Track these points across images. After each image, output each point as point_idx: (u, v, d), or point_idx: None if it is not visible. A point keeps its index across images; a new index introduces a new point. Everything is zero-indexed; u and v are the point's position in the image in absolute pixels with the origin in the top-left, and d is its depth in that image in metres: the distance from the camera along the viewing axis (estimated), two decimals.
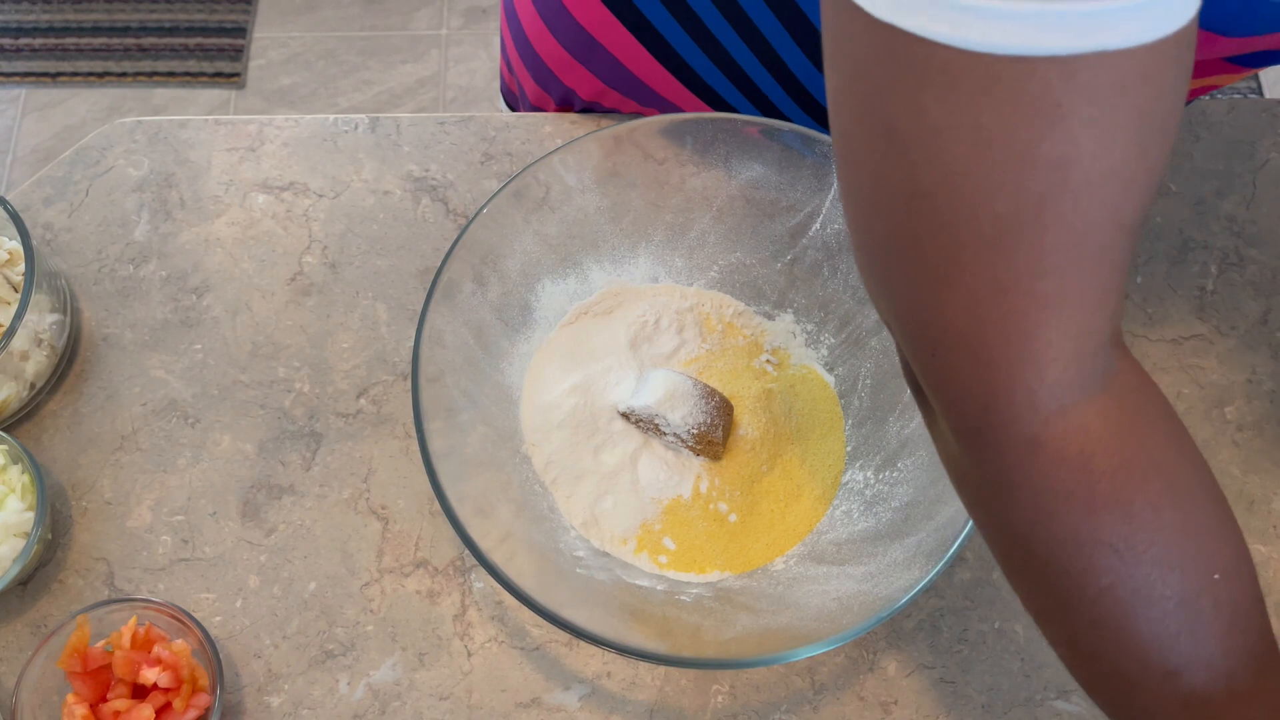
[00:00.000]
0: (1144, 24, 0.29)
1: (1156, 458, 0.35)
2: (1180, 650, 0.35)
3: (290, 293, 0.65)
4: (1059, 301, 0.32)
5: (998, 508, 0.36)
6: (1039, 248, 0.31)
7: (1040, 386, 0.33)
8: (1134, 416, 0.35)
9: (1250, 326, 0.64)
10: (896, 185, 0.32)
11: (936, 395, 0.35)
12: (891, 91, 0.31)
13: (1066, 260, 0.31)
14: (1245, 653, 0.36)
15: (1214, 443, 0.61)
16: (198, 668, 0.54)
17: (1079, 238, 0.31)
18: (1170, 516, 0.35)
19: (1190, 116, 0.70)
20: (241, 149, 0.69)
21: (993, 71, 0.29)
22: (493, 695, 0.56)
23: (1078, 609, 0.36)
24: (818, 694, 0.56)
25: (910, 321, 0.34)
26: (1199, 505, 0.36)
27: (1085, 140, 0.29)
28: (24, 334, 0.58)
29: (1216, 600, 0.35)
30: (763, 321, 0.63)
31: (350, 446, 0.61)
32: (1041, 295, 0.32)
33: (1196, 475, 0.36)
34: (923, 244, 0.32)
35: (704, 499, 0.58)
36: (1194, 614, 0.35)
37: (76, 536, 0.59)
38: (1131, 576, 0.34)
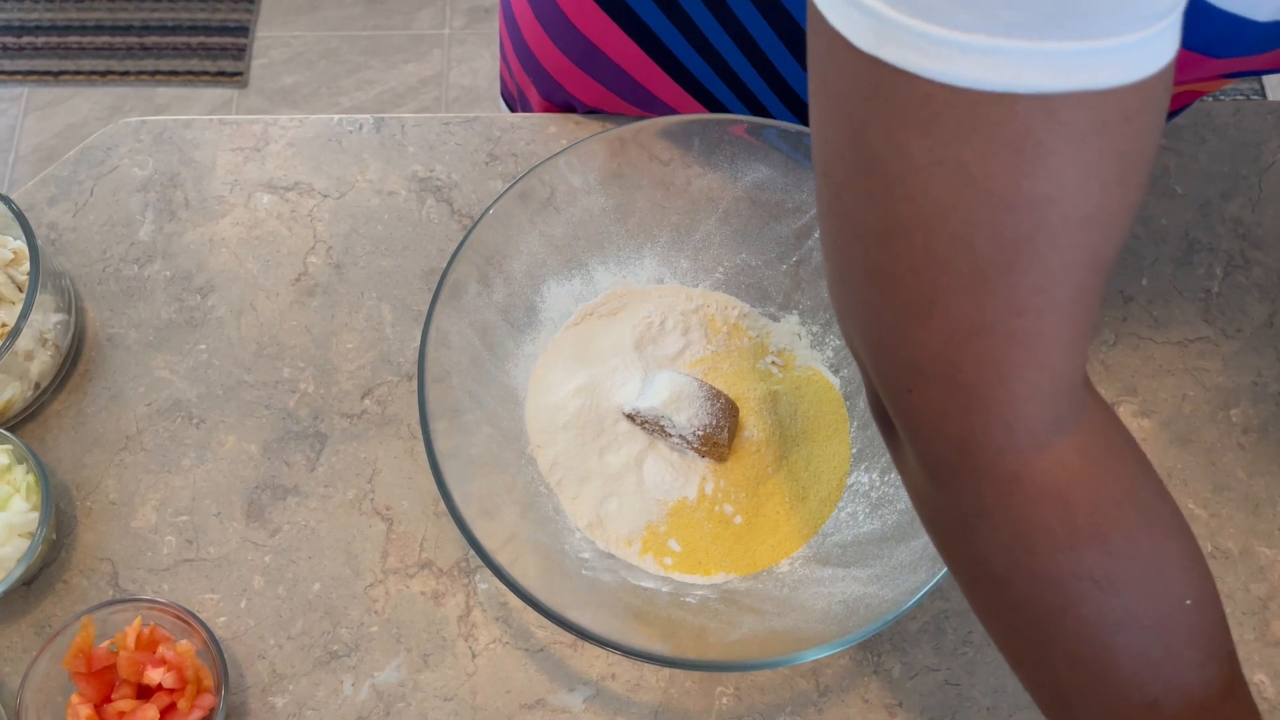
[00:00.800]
0: (1127, 65, 0.28)
1: (1129, 490, 0.35)
2: (1159, 679, 0.35)
3: (295, 293, 0.65)
4: (1036, 340, 0.32)
5: (973, 546, 0.36)
6: (1017, 287, 0.31)
7: (1018, 423, 0.33)
8: (1106, 451, 0.35)
9: (1256, 329, 0.64)
10: (876, 220, 0.32)
11: (911, 431, 0.35)
12: (873, 124, 0.30)
13: (1044, 300, 0.31)
14: (1218, 679, 0.36)
15: (1219, 445, 0.61)
16: (202, 668, 0.54)
17: (1057, 278, 0.31)
18: (1145, 546, 0.35)
19: (1195, 119, 0.70)
20: (246, 149, 0.69)
21: (975, 108, 0.29)
22: (497, 696, 0.56)
23: (1057, 645, 0.36)
24: (822, 696, 0.56)
25: (885, 356, 0.34)
26: (1170, 535, 0.36)
27: (1066, 180, 0.29)
28: (29, 334, 0.58)
29: (1191, 627, 0.36)
30: (768, 323, 0.63)
31: (355, 447, 0.61)
32: (1019, 334, 0.32)
33: (1165, 506, 0.36)
34: (900, 279, 0.32)
35: (709, 501, 0.58)
36: (1171, 642, 0.35)
37: (81, 537, 0.59)
38: (1111, 608, 0.35)
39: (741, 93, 0.65)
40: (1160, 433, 0.62)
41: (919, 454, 0.36)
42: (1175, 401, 0.62)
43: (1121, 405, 0.62)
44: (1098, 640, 0.35)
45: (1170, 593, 0.35)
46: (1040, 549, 0.34)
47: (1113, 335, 0.64)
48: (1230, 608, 0.58)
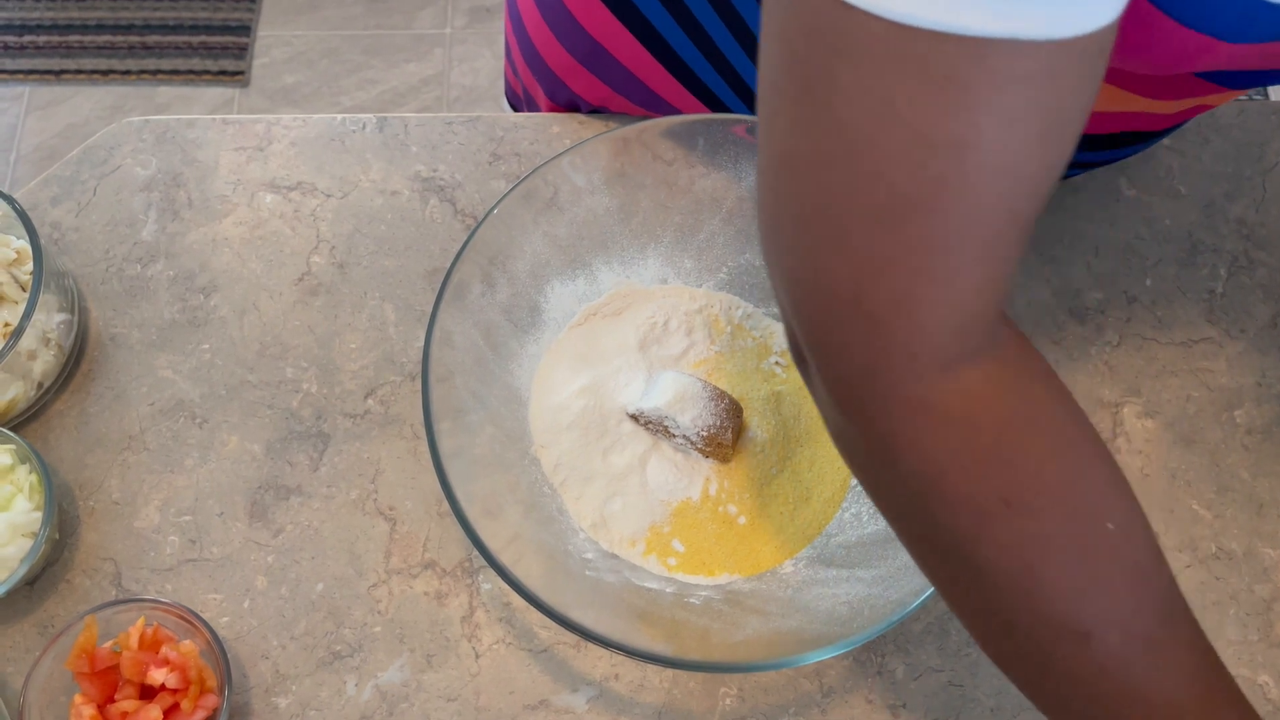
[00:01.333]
0: (1062, 19, 0.29)
1: (1039, 415, 0.36)
2: (1089, 608, 0.35)
3: (298, 293, 0.65)
4: (945, 279, 0.33)
5: (887, 475, 0.37)
6: (931, 226, 0.31)
7: (923, 352, 0.34)
8: (1017, 378, 0.36)
9: (1260, 330, 0.64)
10: (802, 148, 0.32)
11: (821, 361, 0.36)
12: (809, 55, 0.31)
13: (955, 242, 0.32)
14: (1154, 609, 0.36)
15: (1223, 446, 0.61)
16: (205, 668, 0.54)
17: (971, 223, 0.32)
18: (1056, 470, 0.35)
19: (1199, 120, 0.70)
20: (249, 149, 0.69)
21: (906, 43, 0.29)
22: (500, 697, 0.56)
23: (980, 573, 0.36)
24: (826, 697, 0.56)
25: (799, 286, 0.35)
26: (1086, 460, 0.36)
27: (986, 127, 0.30)
28: (32, 333, 0.58)
29: (1116, 552, 0.36)
30: (772, 323, 0.63)
31: (358, 447, 0.61)
32: (928, 271, 0.32)
33: (1080, 432, 0.36)
34: (819, 209, 0.33)
35: (713, 501, 0.58)
36: (1095, 567, 0.35)
37: (84, 536, 0.59)
38: (1026, 530, 0.35)
39: (745, 94, 0.65)
40: (1164, 434, 0.62)
41: (829, 385, 0.36)
42: (1179, 402, 0.62)
43: (1125, 406, 0.62)
44: (1019, 566, 0.35)
45: (1088, 517, 0.35)
46: (950, 472, 0.35)
47: (1116, 336, 0.64)
48: (1234, 609, 0.58)
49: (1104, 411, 0.62)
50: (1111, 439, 0.61)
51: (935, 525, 0.36)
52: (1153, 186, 0.68)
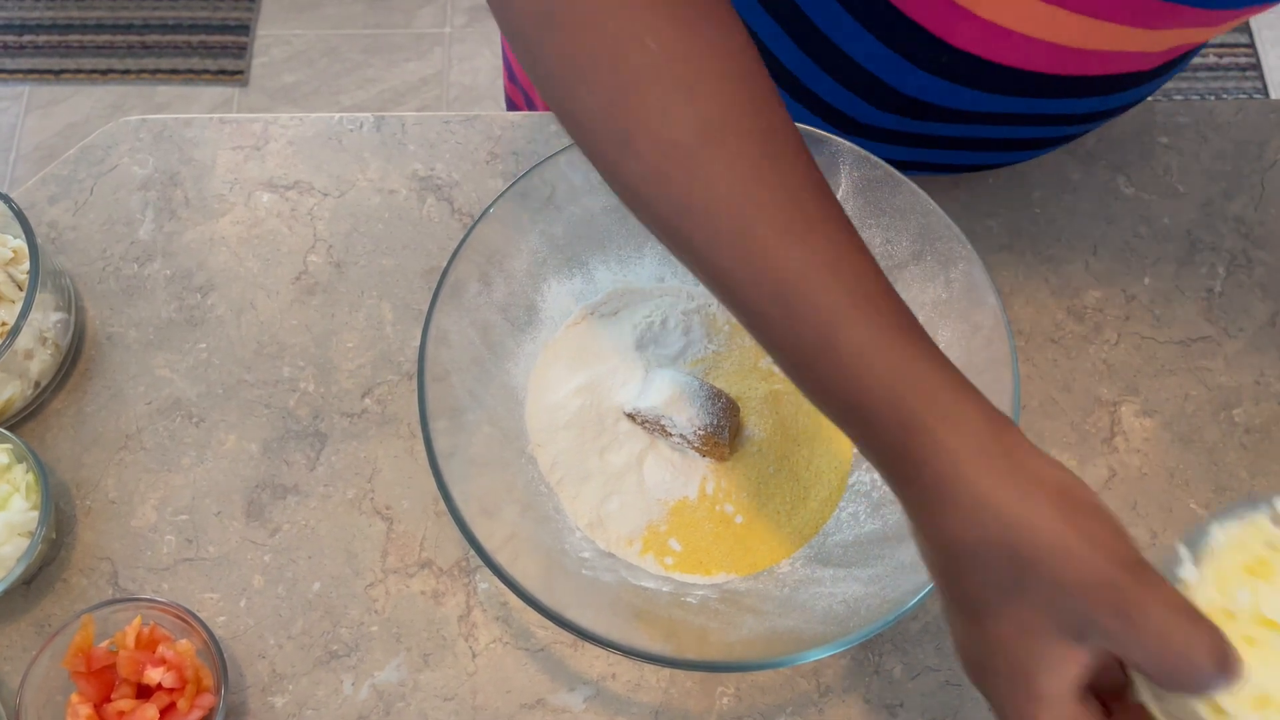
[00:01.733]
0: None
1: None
2: (621, 117, 0.38)
3: (295, 292, 0.65)
4: None
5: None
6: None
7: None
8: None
9: (1258, 328, 0.64)
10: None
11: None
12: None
13: None
14: (693, 126, 0.37)
15: (1221, 445, 0.61)
16: (202, 668, 0.53)
17: None
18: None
19: (1197, 118, 0.70)
20: (246, 147, 0.69)
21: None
22: (497, 696, 0.56)
23: (543, 83, 0.40)
24: (823, 696, 0.56)
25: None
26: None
27: None
28: (28, 332, 0.58)
29: (654, 69, 0.37)
30: None
31: (355, 446, 0.61)
32: None
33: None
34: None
35: (710, 500, 0.58)
36: (627, 78, 0.37)
37: (81, 536, 0.59)
38: (566, 43, 0.38)
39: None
40: (1162, 432, 0.62)
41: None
42: (1177, 401, 0.62)
43: (1123, 405, 0.62)
44: (564, 74, 0.38)
45: (625, 36, 0.37)
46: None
47: (1114, 334, 0.64)
48: None
49: (1102, 410, 0.62)
50: (1110, 437, 0.61)
51: (513, 34, 0.39)
52: (1151, 185, 0.68)
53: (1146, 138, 0.69)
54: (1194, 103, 0.70)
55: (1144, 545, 0.59)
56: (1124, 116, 0.70)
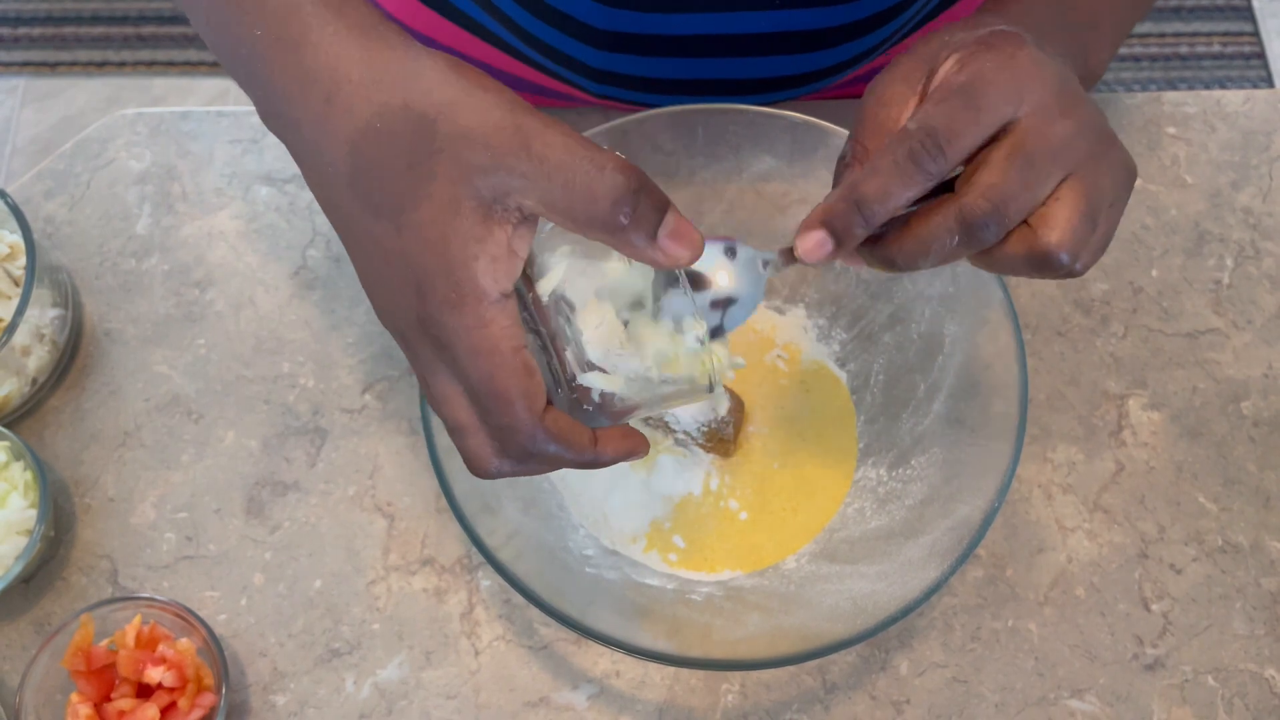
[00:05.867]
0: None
1: None
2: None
3: (294, 286, 0.64)
4: None
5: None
6: None
7: None
8: None
9: (1267, 320, 0.64)
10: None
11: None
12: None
13: None
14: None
15: (1230, 438, 0.61)
16: (203, 666, 0.53)
17: None
18: None
19: (1205, 108, 0.69)
20: (244, 141, 0.68)
21: None
22: (500, 694, 0.55)
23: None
24: (829, 693, 0.55)
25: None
26: None
27: None
28: (25, 329, 0.57)
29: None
30: (774, 316, 0.62)
31: (355, 443, 0.60)
32: None
33: None
34: None
35: (714, 496, 0.57)
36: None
37: (80, 534, 0.58)
38: None
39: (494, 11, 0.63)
40: (1170, 426, 0.61)
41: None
42: (1185, 394, 0.62)
43: (1131, 398, 0.62)
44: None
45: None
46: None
47: (1122, 327, 0.63)
48: (1240, 603, 0.57)
49: (1109, 404, 0.61)
50: (1117, 431, 0.61)
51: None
52: (1158, 176, 0.67)
53: (1153, 128, 0.68)
54: (1201, 93, 0.69)
55: (1152, 540, 0.59)
56: (1129, 105, 0.69)
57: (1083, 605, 0.57)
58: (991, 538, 0.58)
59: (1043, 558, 0.58)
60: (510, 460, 0.39)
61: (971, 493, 0.51)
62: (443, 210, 0.35)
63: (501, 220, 0.35)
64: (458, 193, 0.35)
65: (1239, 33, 1.63)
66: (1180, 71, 1.59)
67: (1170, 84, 1.57)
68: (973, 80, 0.37)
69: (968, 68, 0.38)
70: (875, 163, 0.37)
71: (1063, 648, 0.56)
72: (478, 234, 0.35)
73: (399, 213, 0.36)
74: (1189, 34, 1.62)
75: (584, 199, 0.35)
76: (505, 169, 0.35)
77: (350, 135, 0.37)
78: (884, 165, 0.37)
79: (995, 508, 0.50)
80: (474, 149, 0.35)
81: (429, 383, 0.39)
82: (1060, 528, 0.59)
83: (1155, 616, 0.57)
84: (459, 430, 0.39)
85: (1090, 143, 0.39)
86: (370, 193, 0.37)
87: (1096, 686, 0.55)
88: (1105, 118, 0.40)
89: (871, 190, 0.37)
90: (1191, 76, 1.59)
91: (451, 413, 0.39)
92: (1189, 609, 0.57)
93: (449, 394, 0.38)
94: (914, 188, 0.37)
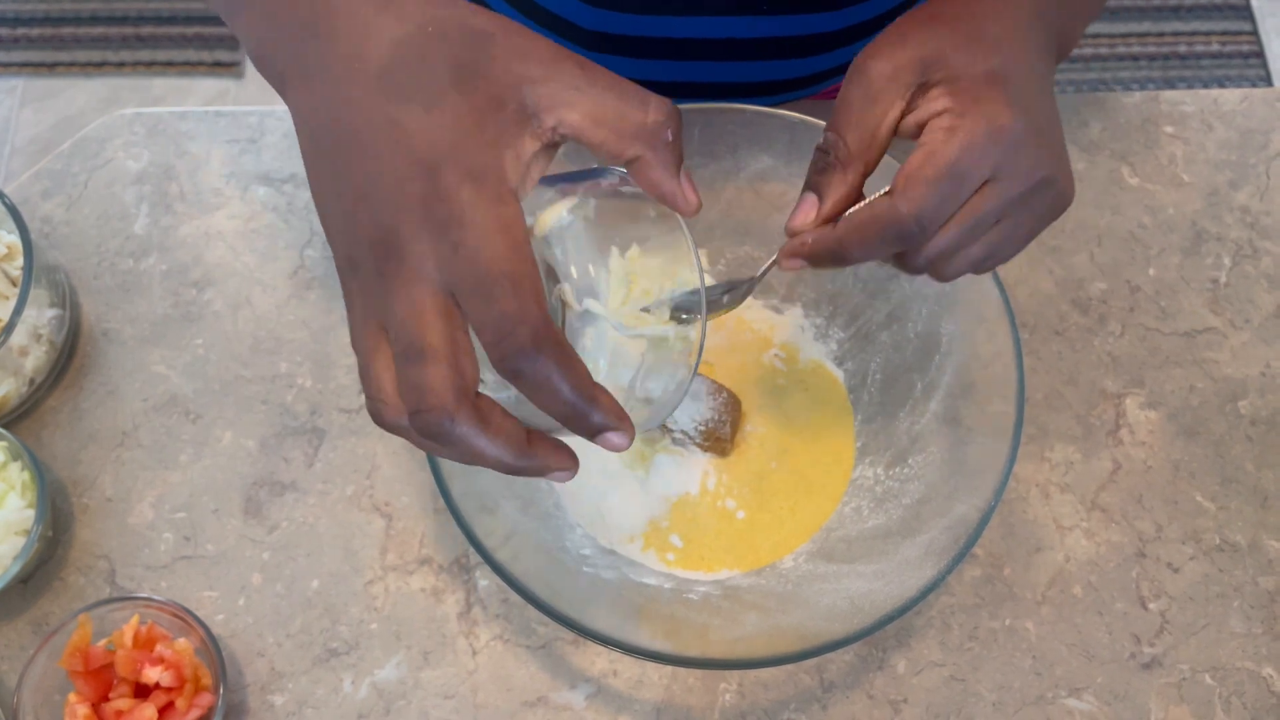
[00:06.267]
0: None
1: None
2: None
3: (292, 286, 0.64)
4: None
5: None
6: None
7: None
8: None
9: (1264, 319, 0.64)
10: None
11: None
12: None
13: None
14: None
15: (1228, 438, 0.61)
16: (200, 666, 0.53)
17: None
18: None
19: (1203, 107, 0.69)
20: (242, 140, 0.68)
21: None
22: (498, 694, 0.55)
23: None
24: (826, 692, 0.55)
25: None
26: None
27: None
28: (23, 329, 0.57)
29: None
30: (771, 316, 0.62)
31: (353, 442, 0.60)
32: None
33: None
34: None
35: (712, 496, 0.57)
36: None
37: (78, 534, 0.58)
38: None
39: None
40: (1167, 425, 0.61)
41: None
42: (1183, 393, 0.62)
43: (1128, 397, 0.62)
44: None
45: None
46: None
47: (1119, 326, 0.63)
48: (1238, 601, 0.57)
49: (1107, 403, 0.61)
50: (1115, 430, 0.61)
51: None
52: (1156, 175, 0.67)
53: (1151, 127, 0.68)
54: (1198, 91, 0.70)
55: (1150, 539, 0.59)
56: (1127, 104, 0.69)
57: (1080, 604, 0.57)
58: (989, 537, 0.58)
59: (1040, 557, 0.58)
60: (466, 407, 0.34)
61: (969, 492, 0.51)
62: (484, 104, 0.35)
63: (535, 134, 0.36)
64: (504, 95, 0.35)
65: (1238, 32, 1.63)
66: (1179, 71, 1.59)
67: (1169, 83, 1.57)
68: (960, 159, 0.40)
69: (957, 138, 0.40)
70: (866, 228, 0.41)
71: (1060, 647, 0.56)
72: (511, 134, 0.35)
73: (433, 99, 0.35)
74: (1187, 33, 1.62)
75: (636, 108, 0.36)
76: (559, 81, 0.36)
77: (397, 35, 0.36)
78: (872, 233, 0.41)
79: (992, 507, 0.50)
80: (528, 63, 0.36)
81: (397, 297, 0.34)
82: (1058, 527, 0.59)
83: (1153, 615, 0.57)
84: (424, 354, 0.34)
85: (1036, 198, 0.42)
86: (402, 84, 0.36)
87: (1094, 685, 0.55)
88: (1060, 142, 0.43)
89: (855, 248, 0.41)
90: (1190, 75, 1.59)
91: (420, 330, 0.34)
92: (1186, 608, 0.57)
93: (424, 307, 0.34)
94: (891, 252, 0.42)
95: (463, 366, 0.34)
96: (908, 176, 0.40)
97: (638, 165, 0.37)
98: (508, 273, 0.33)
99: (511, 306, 0.33)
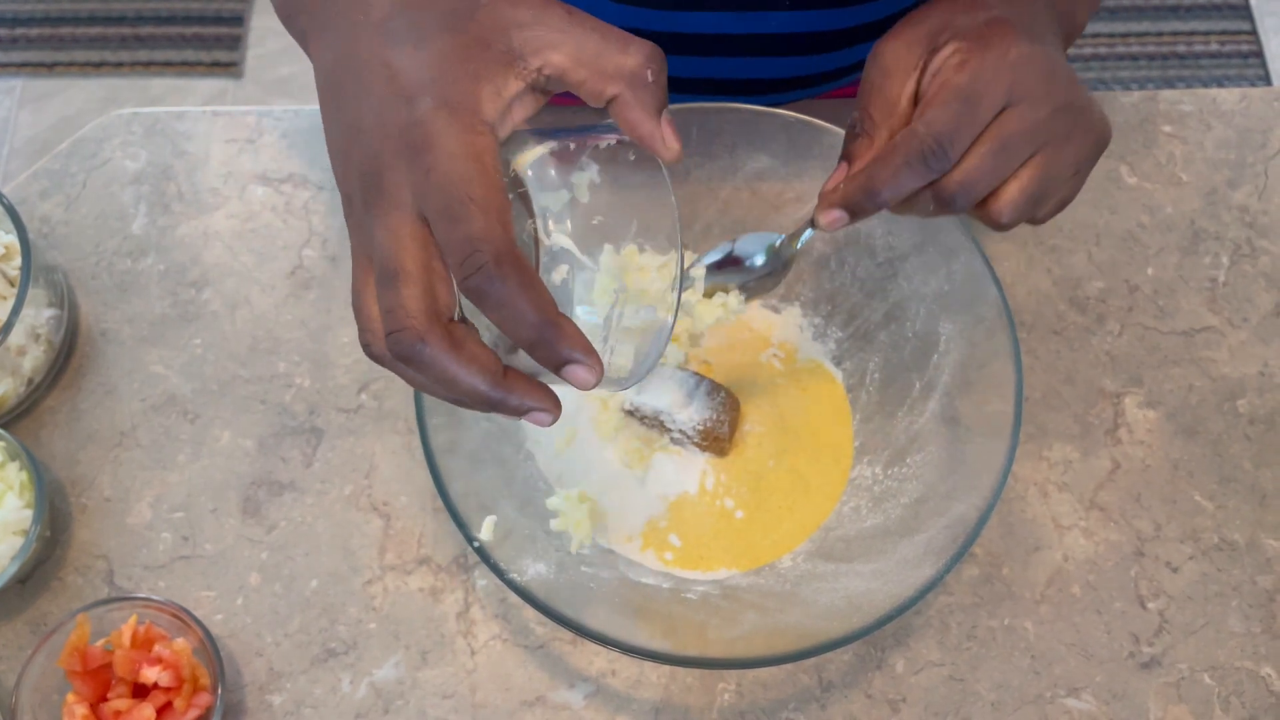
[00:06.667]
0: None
1: None
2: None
3: (290, 286, 0.64)
4: None
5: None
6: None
7: None
8: None
9: (1262, 318, 0.64)
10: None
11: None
12: None
13: None
14: None
15: (1226, 436, 0.61)
16: (199, 666, 0.53)
17: None
18: None
19: (1201, 106, 0.69)
20: (240, 140, 0.68)
21: None
22: (497, 694, 0.55)
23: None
24: (825, 691, 0.55)
25: None
26: None
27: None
28: (21, 329, 0.57)
29: None
30: (769, 315, 0.62)
31: (351, 442, 0.60)
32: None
33: None
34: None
35: (710, 495, 0.57)
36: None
37: (76, 534, 0.58)
38: None
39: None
40: (1166, 424, 0.61)
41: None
42: (1181, 392, 0.62)
43: (1127, 396, 0.62)
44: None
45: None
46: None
47: (1118, 325, 0.63)
48: (1236, 601, 0.57)
49: (1105, 402, 0.61)
50: (1113, 429, 0.61)
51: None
52: (1154, 174, 0.67)
53: (1149, 126, 0.68)
54: (1197, 91, 0.69)
55: (1148, 538, 0.59)
56: (1126, 103, 0.69)
57: (1079, 603, 0.57)
58: (987, 536, 0.58)
59: (1039, 556, 0.58)
60: (438, 329, 0.35)
61: (967, 491, 0.51)
62: (470, 43, 0.37)
63: (519, 74, 0.37)
64: (489, 36, 0.37)
65: (1237, 31, 1.63)
66: (1178, 70, 1.59)
67: (1168, 82, 1.57)
68: (972, 82, 0.41)
69: (968, 67, 0.42)
70: (889, 157, 0.42)
71: (1059, 646, 0.56)
72: (494, 71, 0.37)
73: (424, 38, 0.37)
74: (1186, 32, 1.62)
75: (617, 50, 0.37)
76: (545, 24, 0.37)
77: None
78: (896, 161, 0.42)
79: (991, 506, 0.50)
80: (517, 9, 0.38)
81: (378, 224, 0.36)
82: (1056, 526, 0.59)
83: (1151, 615, 0.57)
84: (397, 277, 0.35)
85: (1064, 123, 0.43)
86: (399, 29, 0.38)
87: (1093, 685, 0.55)
88: (1085, 90, 0.44)
89: (883, 181, 0.42)
90: (1189, 75, 1.59)
91: (395, 255, 0.35)
92: (1185, 607, 0.57)
93: (401, 233, 0.35)
94: (920, 181, 0.42)
95: (436, 290, 0.35)
96: (924, 104, 0.42)
97: (617, 104, 0.38)
98: (474, 196, 0.35)
99: (476, 228, 0.34)
